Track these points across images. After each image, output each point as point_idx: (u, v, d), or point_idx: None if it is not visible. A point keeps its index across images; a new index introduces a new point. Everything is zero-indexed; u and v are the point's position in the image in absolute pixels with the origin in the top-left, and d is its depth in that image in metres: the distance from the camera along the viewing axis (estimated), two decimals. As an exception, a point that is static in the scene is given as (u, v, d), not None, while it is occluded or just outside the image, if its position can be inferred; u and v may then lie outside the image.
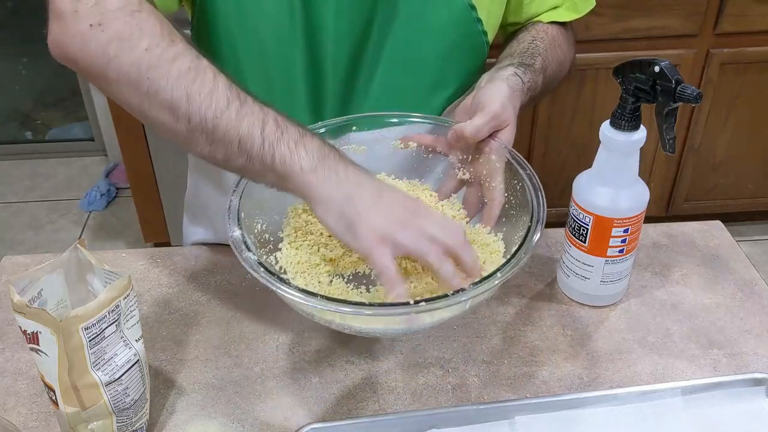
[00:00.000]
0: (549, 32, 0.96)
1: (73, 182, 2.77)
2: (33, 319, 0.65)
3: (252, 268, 0.68)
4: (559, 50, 0.96)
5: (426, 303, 0.65)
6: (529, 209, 0.74)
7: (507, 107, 0.80)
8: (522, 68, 0.85)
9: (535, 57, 0.90)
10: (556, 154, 2.16)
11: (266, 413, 0.80)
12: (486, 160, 0.81)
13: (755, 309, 0.93)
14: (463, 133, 0.79)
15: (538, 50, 0.91)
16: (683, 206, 2.30)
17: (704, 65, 2.04)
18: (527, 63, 0.87)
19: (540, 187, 0.76)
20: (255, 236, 0.76)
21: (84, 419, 0.70)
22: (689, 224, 1.07)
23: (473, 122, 0.79)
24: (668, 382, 0.81)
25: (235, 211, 0.73)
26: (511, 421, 0.76)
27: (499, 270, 0.68)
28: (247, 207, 0.76)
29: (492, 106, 0.79)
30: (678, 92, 0.77)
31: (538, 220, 0.72)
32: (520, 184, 0.77)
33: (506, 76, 0.83)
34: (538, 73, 0.88)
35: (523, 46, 0.92)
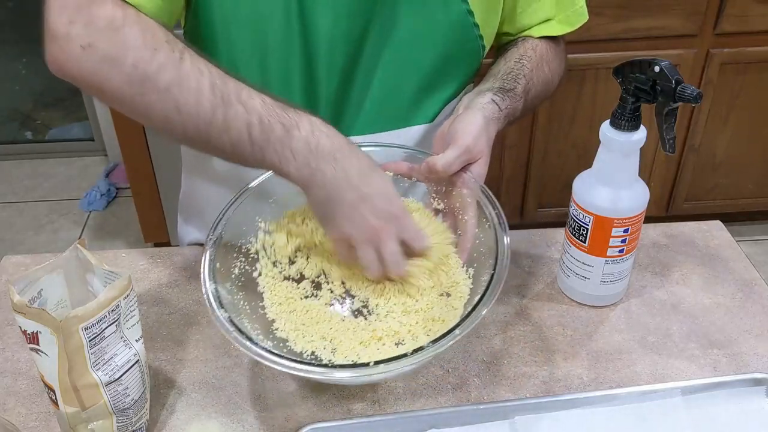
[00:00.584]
0: (538, 49, 0.96)
1: (73, 182, 2.77)
2: (33, 319, 0.65)
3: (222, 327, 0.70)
4: (546, 68, 0.96)
5: (383, 364, 0.67)
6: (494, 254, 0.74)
7: (480, 139, 0.81)
8: (500, 95, 0.86)
9: (518, 80, 0.90)
10: (556, 154, 2.16)
11: (266, 413, 0.80)
12: (458, 194, 0.82)
13: (755, 309, 0.93)
14: (435, 167, 0.79)
15: (523, 71, 0.91)
16: (683, 206, 2.30)
17: (704, 65, 2.04)
18: (508, 88, 0.88)
19: (506, 227, 0.76)
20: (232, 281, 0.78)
21: (84, 419, 0.70)
22: (689, 224, 1.07)
23: (445, 156, 0.79)
24: (668, 382, 0.81)
25: (210, 262, 0.75)
26: (511, 421, 0.76)
27: (458, 326, 0.69)
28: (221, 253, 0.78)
29: (464, 140, 0.80)
30: (678, 92, 0.77)
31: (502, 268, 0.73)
32: (489, 224, 0.78)
33: (483, 104, 0.83)
34: (518, 98, 0.88)
35: (508, 66, 0.92)
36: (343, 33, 0.86)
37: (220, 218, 0.80)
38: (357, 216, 0.73)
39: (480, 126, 0.81)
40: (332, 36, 0.86)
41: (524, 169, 2.19)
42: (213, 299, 0.72)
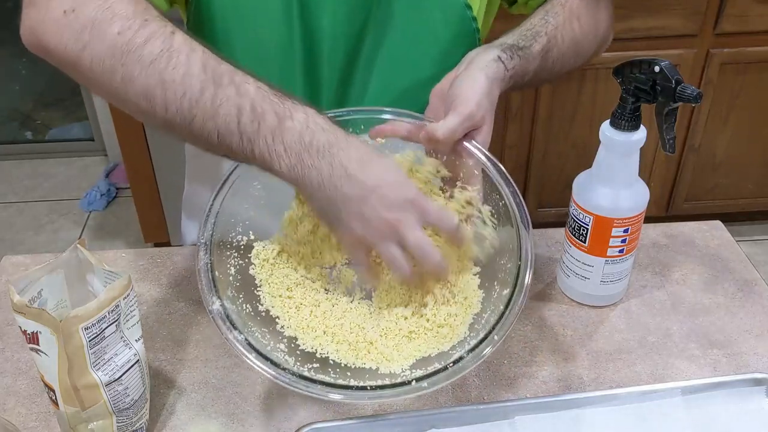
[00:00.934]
0: (568, 5, 0.87)
1: (73, 182, 2.77)
2: (33, 319, 0.65)
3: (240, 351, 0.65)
4: (576, 25, 0.86)
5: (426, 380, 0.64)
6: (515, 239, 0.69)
7: (482, 105, 0.72)
8: (509, 52, 0.77)
9: (538, 38, 0.81)
10: (556, 154, 2.16)
11: (266, 413, 0.80)
12: (462, 164, 0.75)
13: (755, 309, 0.93)
14: (435, 136, 0.72)
15: (545, 28, 0.82)
16: (683, 206, 2.30)
17: (704, 65, 2.04)
18: (521, 45, 0.79)
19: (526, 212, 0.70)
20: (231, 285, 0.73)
21: (84, 419, 0.70)
22: (689, 224, 1.07)
23: (446, 124, 0.71)
24: (668, 382, 0.81)
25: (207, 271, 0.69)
26: (511, 421, 0.76)
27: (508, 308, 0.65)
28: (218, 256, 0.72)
29: (466, 106, 0.72)
30: (678, 92, 0.77)
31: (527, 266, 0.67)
32: (503, 201, 0.71)
33: (486, 63, 0.74)
34: (532, 58, 0.80)
35: (530, 23, 0.83)
36: (343, 30, 0.86)
37: (207, 216, 0.72)
38: (367, 211, 0.65)
39: (483, 89, 0.72)
40: (333, 33, 0.86)
41: (524, 169, 2.19)
42: (222, 321, 0.67)
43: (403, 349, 0.72)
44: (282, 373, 0.65)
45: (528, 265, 0.67)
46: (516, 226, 0.69)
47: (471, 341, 0.68)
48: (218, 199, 0.73)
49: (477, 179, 0.74)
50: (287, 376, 0.65)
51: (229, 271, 0.74)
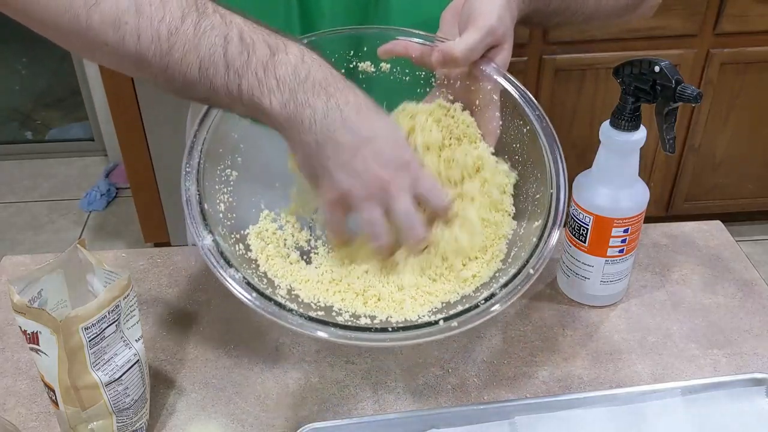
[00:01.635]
0: None
1: (73, 182, 2.77)
2: (33, 319, 0.65)
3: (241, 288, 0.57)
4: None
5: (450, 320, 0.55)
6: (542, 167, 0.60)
7: (504, 19, 0.64)
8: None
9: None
10: (556, 154, 2.15)
11: (266, 413, 0.80)
12: (479, 89, 0.66)
13: (755, 309, 0.93)
14: (452, 54, 0.63)
15: None
16: (683, 206, 2.30)
17: (704, 65, 2.04)
18: None
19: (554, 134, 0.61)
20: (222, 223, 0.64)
21: (84, 419, 0.70)
22: (689, 224, 1.07)
23: (464, 40, 0.63)
24: (668, 382, 0.81)
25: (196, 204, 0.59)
26: (511, 421, 0.76)
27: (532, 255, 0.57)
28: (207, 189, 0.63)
29: (486, 19, 0.63)
30: (678, 92, 0.77)
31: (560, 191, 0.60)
32: (528, 127, 0.62)
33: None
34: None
35: None
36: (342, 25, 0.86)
37: (192, 143, 0.63)
38: (357, 163, 0.57)
39: (502, 2, 0.64)
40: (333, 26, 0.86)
41: (524, 169, 2.19)
42: (216, 257, 0.58)
43: (420, 295, 0.63)
44: (289, 316, 0.56)
45: (562, 190, 0.60)
46: (544, 151, 0.62)
47: (501, 278, 0.60)
48: (204, 126, 0.64)
49: (495, 105, 0.66)
50: (296, 319, 0.56)
51: (218, 207, 0.65)
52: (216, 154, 0.65)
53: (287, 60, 0.57)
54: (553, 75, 2.01)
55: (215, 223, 0.61)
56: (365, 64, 0.72)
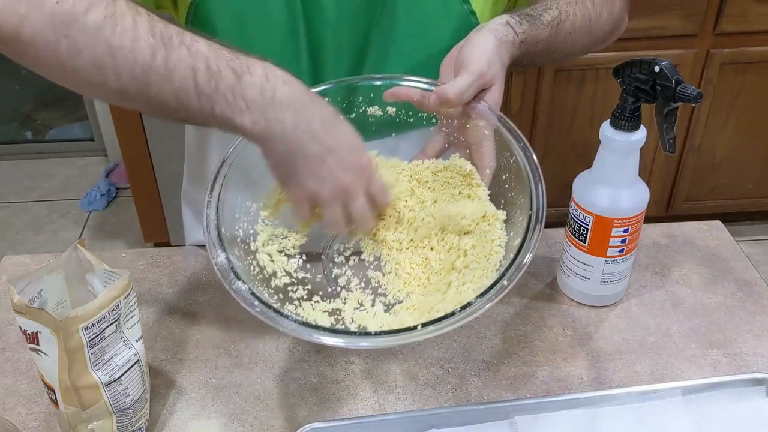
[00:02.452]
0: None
1: (73, 182, 2.77)
2: (33, 319, 0.65)
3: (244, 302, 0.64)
4: (589, 3, 0.86)
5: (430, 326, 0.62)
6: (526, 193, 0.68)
7: (494, 63, 0.72)
8: (518, 18, 0.77)
9: (549, 9, 0.80)
10: (556, 154, 2.16)
11: (266, 413, 0.80)
12: (473, 126, 0.74)
13: (755, 309, 0.93)
14: (446, 96, 0.71)
15: (557, 2, 0.82)
16: (683, 206, 2.30)
17: (704, 65, 2.04)
18: (530, 14, 0.79)
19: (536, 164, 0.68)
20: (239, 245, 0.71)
21: (84, 419, 0.70)
22: (689, 224, 1.07)
23: (456, 84, 0.71)
24: (668, 382, 0.81)
25: (215, 228, 0.67)
26: (511, 421, 0.76)
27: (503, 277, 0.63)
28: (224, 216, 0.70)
29: (477, 64, 0.71)
30: (678, 92, 0.77)
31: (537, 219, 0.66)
32: (514, 158, 0.70)
33: (495, 26, 0.74)
34: (542, 26, 0.79)
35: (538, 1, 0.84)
36: (346, 45, 0.86)
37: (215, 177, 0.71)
38: (324, 171, 0.66)
39: (492, 49, 0.72)
40: (337, 49, 0.86)
41: (524, 169, 2.19)
42: (226, 272, 0.65)
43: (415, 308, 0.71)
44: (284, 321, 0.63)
45: (539, 217, 0.66)
46: (527, 179, 0.68)
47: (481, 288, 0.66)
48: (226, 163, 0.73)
49: (488, 140, 0.73)
50: (290, 324, 0.63)
51: (237, 233, 0.72)
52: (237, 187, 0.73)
53: (253, 81, 0.63)
54: (553, 75, 2.01)
55: (232, 246, 0.69)
56: (373, 108, 0.80)
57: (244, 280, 0.65)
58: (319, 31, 0.86)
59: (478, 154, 0.75)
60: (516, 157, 0.70)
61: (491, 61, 0.72)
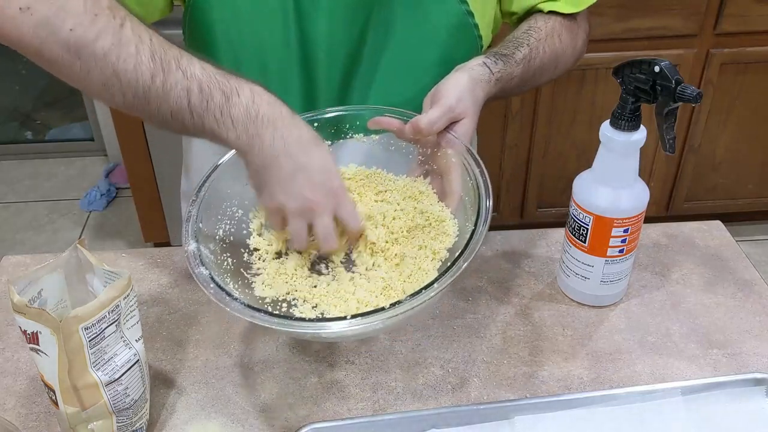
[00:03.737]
0: (549, 23, 0.94)
1: (73, 182, 2.77)
2: (33, 319, 0.65)
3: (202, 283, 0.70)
4: (557, 40, 0.93)
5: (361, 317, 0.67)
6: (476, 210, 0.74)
7: (464, 99, 0.79)
8: (494, 58, 0.84)
9: (520, 47, 0.88)
10: (556, 154, 2.16)
11: (266, 413, 0.80)
12: (443, 154, 0.81)
13: (755, 309, 0.93)
14: (419, 126, 0.78)
15: (527, 40, 0.90)
16: (683, 206, 2.30)
17: (704, 65, 2.04)
18: (504, 53, 0.86)
19: (489, 190, 0.75)
20: (216, 242, 0.78)
21: (84, 419, 0.70)
22: (689, 224, 1.07)
23: (428, 115, 0.78)
24: (668, 382, 0.81)
25: (193, 223, 0.75)
26: (511, 421, 0.76)
27: (436, 281, 0.68)
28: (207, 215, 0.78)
29: (447, 99, 0.79)
30: (678, 92, 0.77)
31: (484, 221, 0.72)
32: (472, 182, 0.77)
33: (472, 66, 0.82)
34: (516, 63, 0.86)
35: (513, 35, 0.91)
36: (340, 38, 0.86)
37: (204, 180, 0.80)
38: (292, 186, 0.72)
39: (464, 86, 0.80)
40: (330, 41, 0.87)
41: (524, 169, 2.19)
42: (194, 258, 0.72)
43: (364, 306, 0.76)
44: (232, 303, 0.69)
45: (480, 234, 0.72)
46: (477, 196, 0.75)
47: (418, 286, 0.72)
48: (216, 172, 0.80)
49: (456, 168, 0.79)
50: (237, 305, 0.68)
51: (216, 232, 0.79)
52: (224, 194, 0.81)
53: (240, 102, 0.72)
54: (553, 75, 2.01)
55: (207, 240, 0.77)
56: (359, 135, 0.87)
57: (207, 267, 0.72)
58: (313, 23, 0.86)
59: (448, 181, 0.81)
60: (473, 180, 0.77)
61: (461, 97, 0.79)
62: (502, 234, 1.06)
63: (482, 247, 0.94)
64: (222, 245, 0.78)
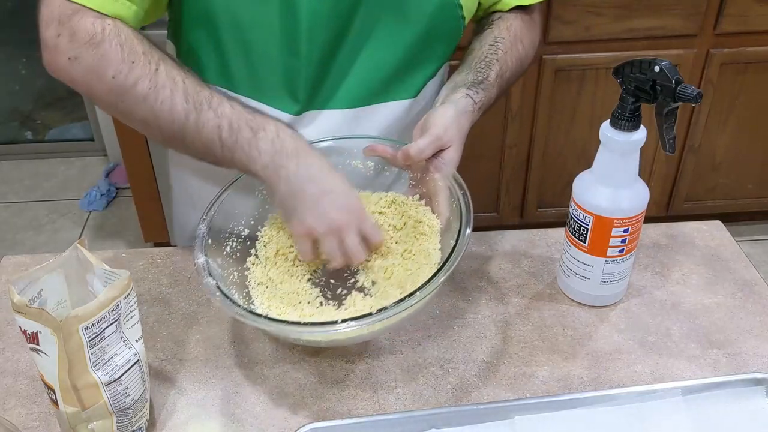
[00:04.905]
0: (512, 29, 0.99)
1: (73, 182, 2.77)
2: (33, 319, 0.65)
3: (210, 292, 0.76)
4: (520, 46, 0.99)
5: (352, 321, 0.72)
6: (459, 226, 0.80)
7: (450, 129, 0.87)
8: (474, 88, 0.91)
9: (491, 66, 0.94)
10: (556, 154, 2.16)
11: (266, 413, 0.80)
12: (431, 179, 0.88)
13: (755, 309, 0.93)
14: (408, 153, 0.86)
15: (496, 55, 0.96)
16: (683, 206, 2.30)
17: (704, 65, 2.04)
18: (480, 79, 0.93)
19: (469, 204, 0.82)
20: (224, 257, 0.85)
21: (84, 419, 0.70)
22: (689, 224, 1.07)
23: (417, 144, 0.86)
24: (668, 382, 0.81)
25: (202, 238, 0.82)
26: (511, 421, 0.76)
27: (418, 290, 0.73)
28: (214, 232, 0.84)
29: (435, 129, 0.86)
30: (678, 92, 0.77)
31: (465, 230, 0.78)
32: (456, 203, 0.84)
33: (456, 99, 0.90)
34: (492, 86, 0.94)
35: (482, 52, 0.96)
36: (327, 10, 0.87)
37: (213, 201, 0.86)
38: (320, 208, 0.79)
39: (451, 117, 0.87)
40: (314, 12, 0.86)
41: (524, 169, 2.19)
42: (203, 270, 0.79)
43: None
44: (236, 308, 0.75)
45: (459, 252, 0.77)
46: (459, 218, 0.81)
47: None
48: (227, 192, 0.87)
49: (443, 192, 0.86)
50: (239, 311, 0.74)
51: (224, 249, 0.86)
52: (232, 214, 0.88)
53: (266, 136, 0.80)
54: (553, 75, 2.01)
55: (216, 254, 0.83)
56: (357, 161, 0.94)
57: (214, 277, 0.78)
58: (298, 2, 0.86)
59: (435, 203, 0.88)
60: (457, 201, 0.84)
61: (448, 127, 0.86)
62: (502, 234, 1.06)
63: (482, 247, 1.01)
64: (228, 260, 0.85)
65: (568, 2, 1.90)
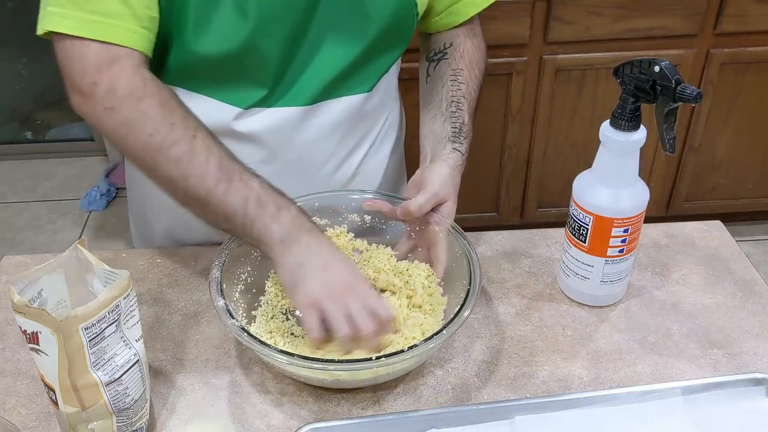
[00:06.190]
0: (465, 55, 1.04)
1: (73, 182, 2.77)
2: (33, 319, 0.65)
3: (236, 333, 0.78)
4: (476, 70, 1.05)
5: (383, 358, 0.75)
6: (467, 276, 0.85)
7: (446, 185, 0.92)
8: (458, 141, 0.97)
9: (461, 107, 0.99)
10: (556, 154, 2.16)
11: (266, 413, 0.80)
12: (431, 231, 0.92)
13: (755, 309, 0.93)
14: (409, 209, 0.90)
15: (461, 91, 1.01)
16: (683, 206, 2.30)
17: (704, 65, 2.04)
18: (458, 127, 0.98)
19: (476, 258, 0.86)
20: (234, 302, 0.86)
21: (84, 419, 0.70)
22: (689, 224, 1.08)
23: (417, 200, 0.90)
24: (668, 382, 0.81)
25: (217, 283, 0.83)
26: (511, 421, 0.76)
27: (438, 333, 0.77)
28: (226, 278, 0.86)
29: (432, 186, 0.91)
30: (678, 92, 0.77)
31: (474, 293, 0.82)
32: (460, 251, 0.89)
33: (446, 155, 0.95)
34: (469, 128, 0.99)
35: (449, 95, 1.01)
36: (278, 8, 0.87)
37: (224, 248, 0.88)
38: (326, 277, 0.80)
39: (446, 174, 0.93)
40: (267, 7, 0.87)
41: (524, 169, 2.19)
42: (224, 312, 0.80)
43: None
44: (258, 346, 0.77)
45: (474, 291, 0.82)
46: (468, 263, 0.86)
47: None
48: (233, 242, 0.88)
49: (442, 242, 0.91)
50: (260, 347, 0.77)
51: (237, 287, 0.89)
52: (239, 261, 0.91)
53: (288, 213, 0.83)
54: (553, 75, 2.01)
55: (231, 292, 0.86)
56: (353, 216, 0.98)
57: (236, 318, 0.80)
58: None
59: (434, 253, 0.92)
60: (461, 251, 0.89)
61: (444, 183, 0.92)
62: (502, 234, 1.06)
63: (482, 247, 1.03)
64: (241, 304, 0.88)
65: (568, 2, 1.90)
